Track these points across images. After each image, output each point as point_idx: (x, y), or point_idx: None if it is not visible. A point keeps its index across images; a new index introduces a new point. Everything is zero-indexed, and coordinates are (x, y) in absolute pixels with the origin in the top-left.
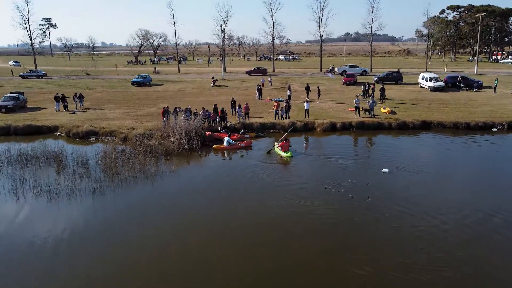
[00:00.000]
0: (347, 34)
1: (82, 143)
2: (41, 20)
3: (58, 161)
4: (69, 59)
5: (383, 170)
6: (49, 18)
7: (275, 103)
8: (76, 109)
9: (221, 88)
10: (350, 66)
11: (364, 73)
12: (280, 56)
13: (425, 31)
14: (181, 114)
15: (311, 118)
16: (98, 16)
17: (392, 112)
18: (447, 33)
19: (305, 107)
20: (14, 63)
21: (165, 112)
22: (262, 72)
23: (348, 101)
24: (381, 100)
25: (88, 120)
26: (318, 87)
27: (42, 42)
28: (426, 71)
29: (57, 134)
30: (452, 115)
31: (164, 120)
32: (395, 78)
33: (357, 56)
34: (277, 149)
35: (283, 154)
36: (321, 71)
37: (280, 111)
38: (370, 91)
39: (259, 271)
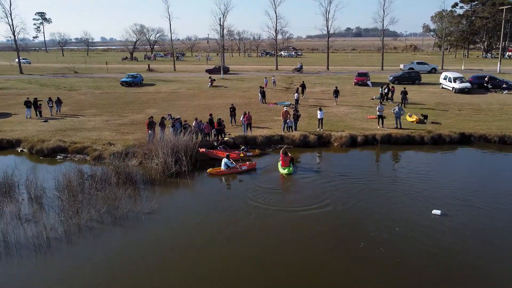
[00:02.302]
0: (348, 29)
1: (46, 163)
2: (35, 14)
3: (5, 192)
4: (63, 55)
5: (434, 211)
6: (43, 13)
7: (283, 111)
8: (52, 115)
9: (219, 89)
10: (418, 63)
11: (433, 70)
12: (282, 52)
13: (432, 26)
14: (168, 122)
15: (326, 128)
16: (96, 11)
17: (420, 121)
18: (459, 27)
19: (319, 116)
20: (23, 61)
21: (151, 124)
22: (224, 70)
23: (364, 104)
24: (403, 105)
25: (60, 131)
26: (336, 87)
27: (36, 37)
28: (442, 69)
29: (19, 150)
30: (493, 125)
31: (150, 133)
32: (412, 78)
33: (361, 52)
34: (279, 163)
35: (281, 170)
36: (328, 68)
37: (288, 121)
38: (390, 94)
39: None
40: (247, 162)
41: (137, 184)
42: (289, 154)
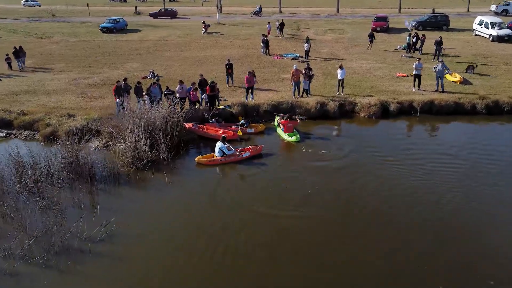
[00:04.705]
0: None
1: None
2: None
3: None
4: None
5: None
6: None
7: (293, 70)
8: (21, 68)
9: (214, 36)
10: None
11: None
12: None
13: None
14: (150, 81)
15: (347, 92)
16: None
17: (464, 82)
18: None
19: (339, 76)
20: (30, 3)
21: (119, 90)
22: (170, 14)
23: (389, 58)
24: (436, 59)
25: (12, 94)
26: (372, 31)
27: None
28: (468, 11)
29: None
30: None
31: (118, 103)
32: (439, 23)
33: None
34: (278, 129)
35: (286, 137)
36: (338, 11)
37: (304, 82)
38: (419, 44)
39: None
40: (250, 146)
41: (95, 182)
42: (297, 120)
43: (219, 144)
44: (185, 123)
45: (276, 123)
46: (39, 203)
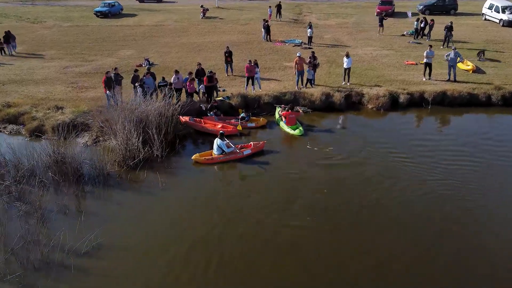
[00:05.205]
0: None
1: None
2: None
3: None
4: None
5: None
6: None
7: (296, 59)
8: (12, 53)
9: (213, 21)
10: None
11: None
12: None
13: None
14: (143, 70)
15: (353, 82)
16: None
17: (477, 70)
18: None
19: (345, 65)
20: None
21: (109, 81)
22: None
23: (396, 44)
24: (445, 45)
25: None
26: (377, 15)
27: None
28: None
29: None
30: None
31: (108, 95)
32: (447, 7)
33: None
34: (281, 122)
35: (288, 129)
36: None
37: (308, 71)
38: (427, 29)
39: None
40: (251, 143)
41: (82, 183)
42: (299, 110)
43: (217, 141)
44: (181, 117)
45: (277, 115)
46: (20, 208)
